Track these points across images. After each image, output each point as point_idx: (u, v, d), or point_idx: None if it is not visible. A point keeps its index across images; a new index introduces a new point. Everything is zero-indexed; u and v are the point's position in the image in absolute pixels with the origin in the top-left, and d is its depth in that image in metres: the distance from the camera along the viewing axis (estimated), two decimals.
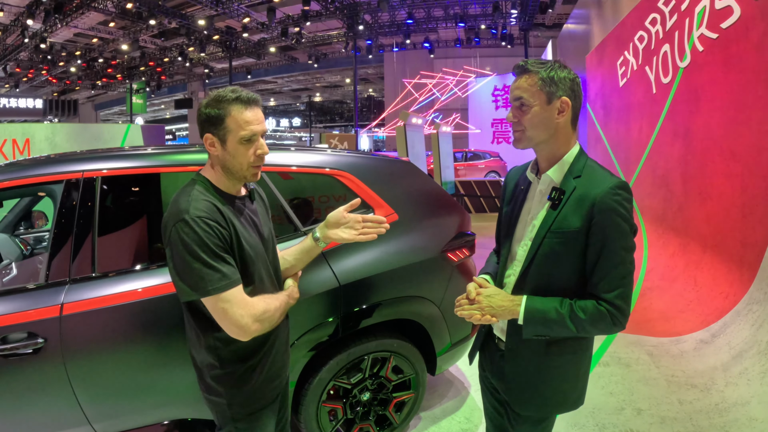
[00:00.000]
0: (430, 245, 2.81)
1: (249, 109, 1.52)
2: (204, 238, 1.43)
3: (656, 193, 6.40)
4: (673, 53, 5.78)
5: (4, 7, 19.72)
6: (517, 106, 1.49)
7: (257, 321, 1.51)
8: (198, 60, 29.56)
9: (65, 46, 26.66)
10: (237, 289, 1.48)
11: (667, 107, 6.02)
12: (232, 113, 1.50)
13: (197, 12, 22.75)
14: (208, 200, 1.50)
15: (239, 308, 1.47)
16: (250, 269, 1.58)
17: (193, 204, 1.46)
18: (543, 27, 22.38)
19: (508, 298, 1.50)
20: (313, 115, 50.26)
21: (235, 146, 1.52)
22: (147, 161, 2.42)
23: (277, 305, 1.60)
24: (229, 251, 1.50)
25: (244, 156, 1.53)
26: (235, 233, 1.53)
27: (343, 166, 2.74)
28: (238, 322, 1.47)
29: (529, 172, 1.61)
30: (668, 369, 3.64)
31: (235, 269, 1.50)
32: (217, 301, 1.45)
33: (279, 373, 1.75)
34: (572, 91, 1.47)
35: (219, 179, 1.59)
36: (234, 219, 1.55)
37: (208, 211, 1.46)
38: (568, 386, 1.59)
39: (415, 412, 2.86)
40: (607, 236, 1.41)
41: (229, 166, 1.55)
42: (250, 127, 1.52)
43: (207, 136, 1.52)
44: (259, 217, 1.71)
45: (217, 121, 1.50)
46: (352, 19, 22.82)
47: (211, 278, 1.43)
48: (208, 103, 1.52)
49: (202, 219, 1.44)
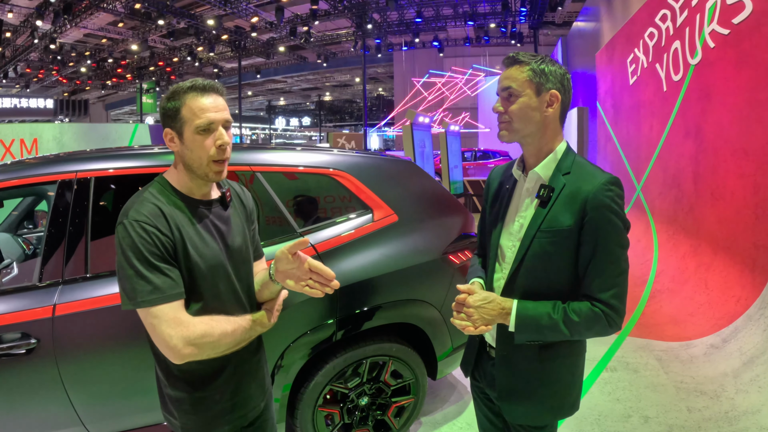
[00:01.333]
0: (431, 247, 2.76)
1: (205, 96, 1.39)
2: (138, 244, 1.30)
3: (667, 193, 6.28)
4: (684, 50, 5.66)
5: (13, 8, 19.90)
6: (505, 96, 1.43)
7: (191, 344, 1.32)
8: (207, 60, 29.70)
9: (75, 46, 26.90)
10: (171, 305, 1.32)
11: (678, 105, 5.91)
12: (187, 102, 1.37)
13: (206, 12, 22.84)
14: (154, 203, 1.37)
15: (169, 327, 1.31)
16: (198, 284, 1.40)
17: (136, 206, 1.35)
18: (553, 25, 22.21)
19: (499, 304, 1.43)
20: (323, 114, 50.41)
21: (192, 137, 1.38)
22: (141, 161, 2.39)
23: (226, 330, 1.39)
24: (169, 261, 1.34)
25: (202, 148, 1.38)
26: (182, 242, 1.36)
27: (341, 165, 2.69)
28: (167, 342, 1.31)
29: (515, 170, 1.55)
30: (677, 375, 3.54)
31: (174, 282, 1.33)
32: (147, 316, 1.32)
33: (245, 404, 1.55)
34: (562, 85, 1.42)
35: (180, 180, 1.45)
36: (186, 226, 1.39)
37: (149, 215, 1.33)
38: (563, 392, 1.52)
39: (415, 417, 2.80)
40: (600, 234, 1.36)
41: (189, 162, 1.40)
42: (206, 114, 1.37)
43: (167, 131, 1.41)
44: (230, 225, 1.52)
45: (174, 113, 1.38)
46: (360, 18, 22.79)
47: (141, 289, 1.30)
48: (165, 97, 1.41)
49: (140, 223, 1.31)
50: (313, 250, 2.47)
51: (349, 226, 2.60)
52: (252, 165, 2.53)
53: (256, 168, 2.53)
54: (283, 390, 2.41)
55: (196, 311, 1.39)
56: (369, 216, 2.65)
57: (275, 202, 2.51)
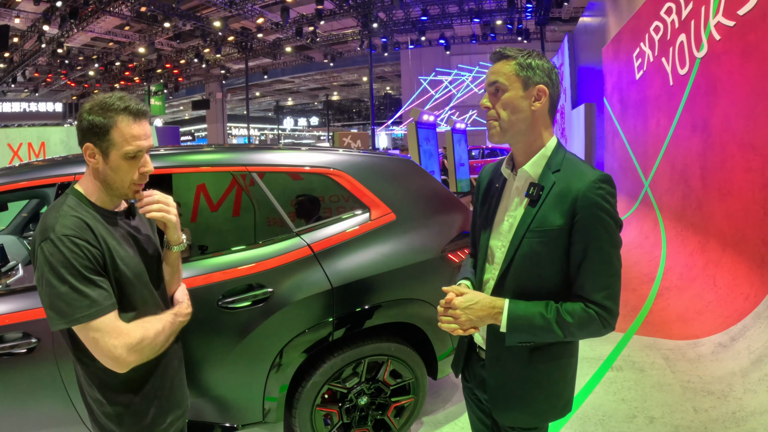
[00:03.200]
0: (430, 245, 2.73)
1: (138, 122, 1.39)
2: (71, 259, 1.29)
3: (675, 189, 6.20)
4: (690, 43, 5.58)
5: (20, 13, 20.09)
6: (492, 91, 1.40)
7: (133, 351, 1.36)
8: (214, 61, 29.81)
9: (82, 50, 27.10)
10: (109, 317, 1.33)
11: (684, 99, 5.83)
12: (119, 125, 1.36)
13: (212, 14, 22.91)
14: (77, 216, 1.36)
15: (111, 338, 1.32)
16: (128, 292, 1.43)
17: (60, 221, 1.33)
18: (559, 21, 22.07)
19: (488, 305, 1.38)
20: (331, 113, 50.48)
21: (119, 161, 1.38)
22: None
23: (158, 328, 1.44)
24: (101, 273, 1.35)
25: (127, 173, 1.40)
26: (109, 253, 1.38)
27: (338, 165, 2.67)
28: (111, 353, 1.32)
29: (504, 168, 1.51)
30: (684, 374, 3.48)
31: (108, 293, 1.34)
32: (87, 330, 1.31)
33: (179, 404, 1.61)
34: (549, 79, 1.38)
35: (95, 193, 1.44)
36: (108, 237, 1.40)
37: (76, 229, 1.32)
38: (555, 393, 1.48)
39: (415, 417, 2.77)
40: (591, 233, 1.32)
41: (110, 182, 1.41)
42: (137, 142, 1.38)
43: (88, 145, 1.37)
44: (141, 233, 1.56)
45: (102, 131, 1.35)
46: (366, 17, 22.77)
47: (79, 304, 1.29)
48: (92, 109, 1.37)
49: (69, 237, 1.30)
50: (309, 249, 2.46)
51: (346, 225, 2.59)
52: (248, 165, 2.53)
53: (252, 168, 2.54)
54: (280, 390, 2.40)
55: (130, 319, 1.40)
56: (366, 215, 2.63)
57: (271, 203, 2.51)
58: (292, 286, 2.38)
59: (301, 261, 2.43)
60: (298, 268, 2.41)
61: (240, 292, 2.30)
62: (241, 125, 46.19)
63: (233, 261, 2.35)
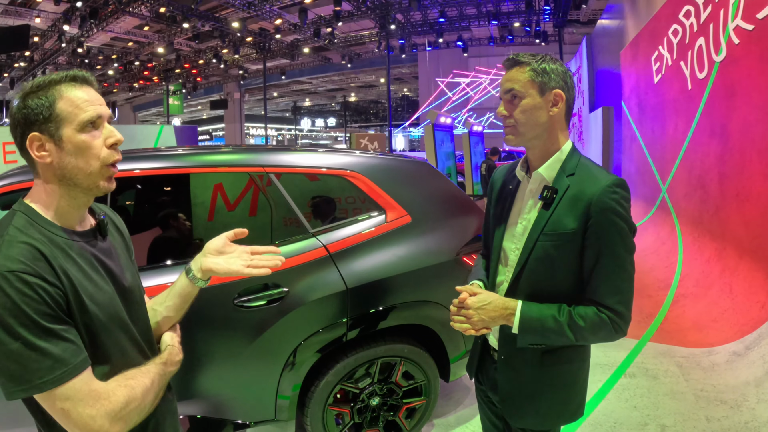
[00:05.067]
0: (445, 248, 2.74)
1: (84, 87, 1.08)
2: (21, 304, 0.94)
3: (692, 195, 6.14)
4: (708, 47, 5.52)
5: (41, 13, 20.46)
6: (508, 99, 1.41)
7: (117, 420, 1.03)
8: (232, 62, 30.06)
9: (102, 50, 27.47)
10: (82, 377, 0.99)
11: (703, 104, 5.77)
12: (64, 94, 1.05)
13: (230, 14, 23.11)
14: (27, 242, 1.00)
15: (87, 406, 0.99)
16: (101, 340, 1.08)
17: (4, 250, 0.98)
18: (577, 23, 21.91)
19: (501, 306, 1.39)
20: (349, 115, 50.53)
21: (77, 138, 1.05)
22: (166, 162, 2.46)
23: (146, 385, 1.10)
24: (63, 320, 1.00)
25: (91, 149, 1.07)
26: (73, 290, 1.02)
27: (354, 166, 2.69)
28: (89, 427, 0.99)
29: (519, 170, 1.52)
30: (698, 383, 3.45)
31: (76, 347, 1.00)
32: (53, 399, 0.97)
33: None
34: (565, 83, 1.39)
35: (51, 205, 1.09)
36: (71, 268, 1.04)
37: (26, 261, 0.97)
38: (566, 397, 1.50)
39: (426, 419, 2.79)
40: (605, 238, 1.33)
41: (73, 173, 1.06)
42: (92, 107, 1.07)
43: (32, 136, 1.04)
44: (115, 258, 1.19)
45: (44, 112, 1.03)
46: (383, 19, 22.80)
47: (37, 366, 0.94)
48: (25, 95, 1.05)
49: (16, 274, 0.95)
50: (325, 250, 2.49)
51: (362, 226, 2.61)
52: (266, 166, 2.56)
53: (269, 169, 2.56)
54: (293, 389, 2.43)
55: (105, 375, 1.07)
56: (382, 217, 2.65)
57: (288, 203, 2.54)
58: (308, 286, 2.41)
59: (316, 261, 2.46)
60: (313, 269, 2.45)
61: (256, 291, 2.33)
62: (258, 125, 46.45)
63: None
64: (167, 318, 1.33)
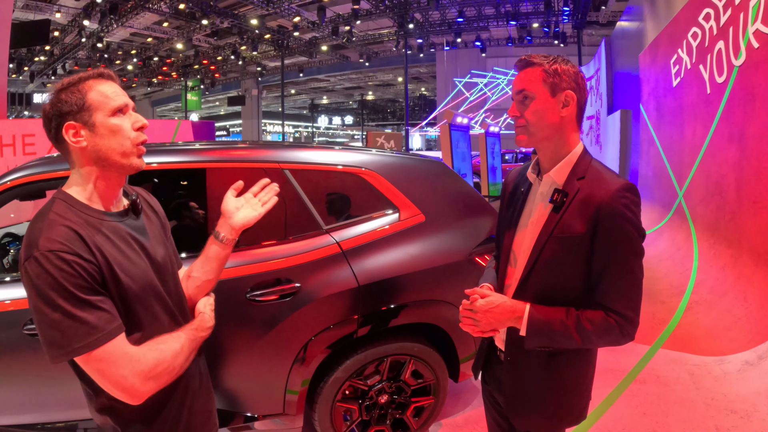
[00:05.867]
0: (458, 248, 2.74)
1: (110, 82, 1.26)
2: (60, 279, 1.08)
3: (709, 201, 6.07)
4: (728, 50, 5.44)
5: (61, 8, 20.78)
6: (519, 99, 1.41)
7: (149, 379, 1.17)
8: (251, 58, 30.25)
9: (122, 45, 27.85)
10: (115, 342, 1.13)
11: (721, 109, 5.69)
12: (94, 87, 1.22)
13: (249, 12, 23.29)
14: (67, 225, 1.14)
15: (120, 368, 1.13)
16: (134, 308, 1.22)
17: (45, 233, 1.12)
18: (597, 25, 21.73)
19: (509, 308, 1.40)
20: (366, 113, 50.56)
21: (108, 123, 1.21)
22: (183, 157, 2.50)
23: (176, 348, 1.24)
24: (99, 291, 1.14)
25: (122, 131, 1.23)
26: (108, 265, 1.17)
27: (369, 164, 2.71)
28: (122, 385, 1.14)
29: (530, 172, 1.52)
30: (708, 391, 3.42)
31: (110, 315, 1.14)
32: (89, 361, 1.12)
33: (203, 423, 1.43)
34: (576, 84, 1.38)
35: (86, 190, 1.24)
36: (106, 245, 1.18)
37: (64, 241, 1.11)
38: (570, 400, 1.50)
39: (434, 418, 2.80)
40: (614, 242, 1.32)
41: (106, 153, 1.21)
42: (119, 96, 1.24)
43: (68, 125, 1.19)
44: (148, 235, 1.34)
45: (78, 103, 1.19)
46: (402, 18, 22.80)
47: (75, 333, 1.09)
48: (59, 91, 1.22)
49: (56, 253, 1.09)
50: (338, 247, 2.51)
51: (376, 224, 2.63)
52: (281, 162, 2.58)
53: (285, 165, 2.58)
54: (302, 384, 2.46)
55: (138, 340, 1.21)
56: (396, 215, 2.66)
57: (302, 200, 2.56)
58: (320, 282, 2.43)
59: (329, 258, 2.48)
60: (326, 265, 2.47)
61: (268, 286, 2.36)
62: (275, 122, 46.72)
63: (263, 255, 2.42)
64: (206, 281, 1.49)
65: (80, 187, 1.24)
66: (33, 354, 2.13)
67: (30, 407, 2.23)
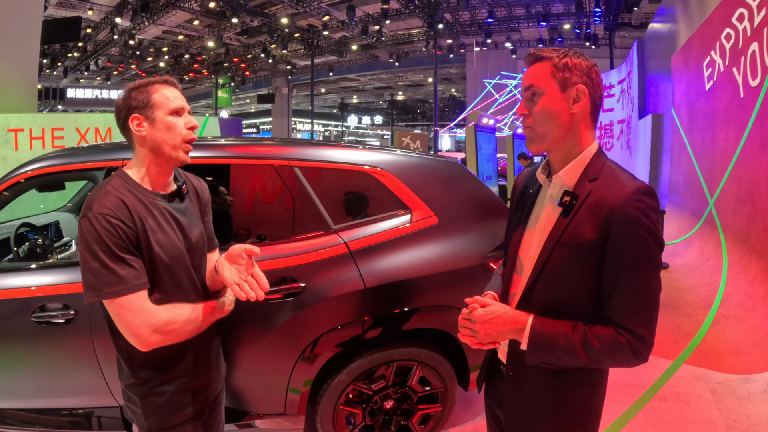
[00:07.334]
0: (472, 252, 2.65)
1: (171, 88, 1.52)
2: (104, 237, 1.35)
3: (741, 210, 5.83)
4: (762, 53, 5.19)
5: (93, 6, 21.27)
6: (528, 96, 1.30)
7: (157, 332, 1.41)
8: (281, 57, 30.50)
9: (153, 42, 28.34)
10: (136, 296, 1.39)
11: (755, 113, 5.45)
12: (159, 90, 1.49)
13: (279, 11, 23.47)
14: (118, 196, 1.42)
15: (135, 317, 1.38)
16: (161, 273, 1.47)
17: (99, 200, 1.39)
18: (629, 27, 21.21)
19: (510, 320, 1.29)
20: (396, 113, 50.48)
21: (165, 119, 1.47)
22: (206, 152, 2.50)
23: (188, 315, 1.48)
24: (133, 252, 1.40)
25: (175, 128, 1.49)
26: (144, 233, 1.43)
27: (382, 164, 2.64)
28: (133, 331, 1.39)
29: (540, 173, 1.40)
30: (731, 412, 3.25)
31: (138, 273, 1.40)
32: (113, 306, 1.38)
33: (204, 387, 1.63)
34: (589, 78, 1.27)
35: (140, 171, 1.51)
36: (147, 217, 1.45)
37: (113, 208, 1.38)
38: (576, 424, 1.38)
39: (441, 426, 2.73)
40: (627, 251, 1.20)
41: (159, 144, 1.48)
42: (178, 100, 1.51)
43: (134, 116, 1.47)
44: (188, 216, 1.59)
45: (144, 100, 1.47)
46: (432, 18, 22.67)
47: (107, 281, 1.35)
48: (130, 90, 1.50)
49: (105, 216, 1.36)
50: (346, 247, 2.46)
51: (386, 225, 2.56)
52: (291, 160, 2.54)
53: (294, 163, 2.54)
54: (304, 384, 2.42)
55: (158, 300, 1.44)
56: (407, 217, 2.60)
57: (312, 198, 2.52)
58: (325, 283, 2.39)
59: (336, 258, 2.43)
60: (332, 266, 2.42)
61: (273, 284, 2.32)
62: (305, 120, 47.03)
63: (270, 253, 2.38)
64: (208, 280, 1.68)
65: (136, 168, 1.51)
66: (39, 341, 2.20)
67: (44, 393, 2.29)
